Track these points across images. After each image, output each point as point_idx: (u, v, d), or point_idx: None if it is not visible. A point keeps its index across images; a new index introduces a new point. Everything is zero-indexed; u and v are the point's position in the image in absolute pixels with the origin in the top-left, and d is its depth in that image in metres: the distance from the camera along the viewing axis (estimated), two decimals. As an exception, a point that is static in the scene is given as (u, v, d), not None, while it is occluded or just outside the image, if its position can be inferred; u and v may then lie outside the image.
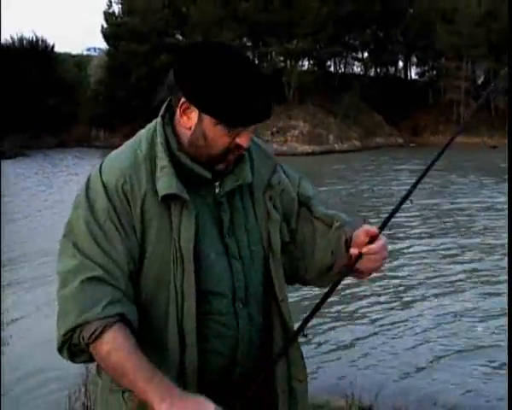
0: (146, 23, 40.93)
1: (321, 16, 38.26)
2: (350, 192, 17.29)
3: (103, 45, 46.78)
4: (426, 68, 49.94)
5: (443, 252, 9.77)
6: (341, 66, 49.77)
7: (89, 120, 41.87)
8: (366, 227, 1.50)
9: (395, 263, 8.88)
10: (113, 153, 1.51)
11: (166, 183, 1.39)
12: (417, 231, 11.47)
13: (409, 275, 8.47)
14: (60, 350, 1.38)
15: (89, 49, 55.98)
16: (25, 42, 45.03)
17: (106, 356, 1.33)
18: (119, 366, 1.32)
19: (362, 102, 42.27)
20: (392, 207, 1.50)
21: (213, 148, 1.41)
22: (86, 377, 3.78)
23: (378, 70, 51.08)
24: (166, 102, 1.49)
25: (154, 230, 1.40)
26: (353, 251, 1.49)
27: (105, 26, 44.96)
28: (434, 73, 48.47)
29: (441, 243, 10.32)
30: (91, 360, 1.40)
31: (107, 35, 44.66)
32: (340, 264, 1.57)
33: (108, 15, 45.37)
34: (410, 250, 9.86)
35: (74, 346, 1.36)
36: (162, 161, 1.41)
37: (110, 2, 45.78)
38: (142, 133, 1.50)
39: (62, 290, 1.36)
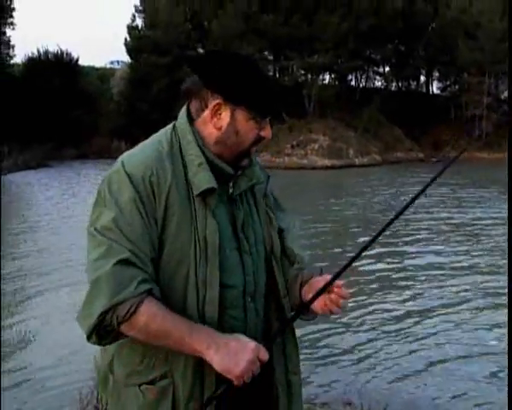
0: (168, 36, 41.38)
1: (342, 31, 38.31)
2: (365, 206, 17.19)
3: (126, 58, 47.39)
4: (448, 83, 49.66)
5: (450, 264, 9.71)
6: (362, 80, 49.75)
7: (110, 131, 42.30)
8: (326, 277, 1.60)
9: (401, 274, 8.84)
10: (133, 150, 1.60)
11: (206, 178, 1.51)
12: (424, 241, 11.37)
13: (415, 285, 8.37)
14: (89, 335, 1.43)
15: (112, 63, 56.72)
16: (50, 55, 45.73)
17: (144, 326, 1.41)
18: (161, 330, 1.42)
19: (382, 117, 42.12)
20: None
21: (244, 142, 1.56)
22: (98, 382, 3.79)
23: (399, 84, 50.92)
24: (186, 108, 1.60)
25: (175, 222, 1.48)
26: (307, 292, 1.63)
27: (128, 39, 45.55)
28: (456, 87, 48.16)
29: (449, 254, 10.27)
30: (116, 339, 1.48)
31: (129, 48, 45.21)
32: (291, 301, 1.70)
33: (131, 29, 45.96)
34: (418, 262, 9.76)
35: (104, 328, 1.42)
36: (198, 158, 1.54)
37: (134, 16, 46.46)
38: (160, 134, 1.61)
39: (94, 276, 1.42)
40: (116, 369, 1.56)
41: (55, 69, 43.64)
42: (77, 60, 46.92)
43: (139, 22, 46.46)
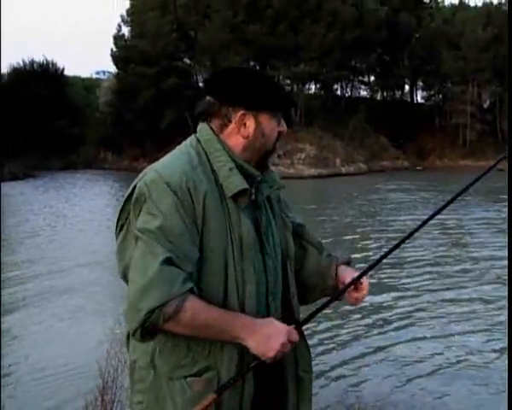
0: (155, 46, 41.43)
1: (327, 41, 38.66)
2: (353, 214, 17.33)
3: (113, 68, 47.37)
4: (432, 92, 50.20)
5: (446, 270, 9.86)
6: (348, 89, 50.13)
7: (97, 142, 42.20)
8: (355, 274, 1.81)
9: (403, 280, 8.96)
10: (164, 161, 1.70)
11: (239, 180, 1.64)
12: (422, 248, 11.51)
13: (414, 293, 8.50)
14: (135, 331, 1.52)
15: (98, 73, 56.60)
16: (35, 65, 45.63)
17: (190, 320, 1.53)
18: (205, 323, 1.54)
19: (368, 126, 42.46)
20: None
21: (269, 141, 1.72)
22: (103, 388, 3.86)
23: (384, 94, 51.37)
24: (207, 126, 1.72)
25: (214, 223, 1.60)
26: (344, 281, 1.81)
27: (114, 49, 45.55)
28: (440, 97, 48.72)
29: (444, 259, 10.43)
30: (154, 337, 1.58)
31: (116, 58, 45.17)
32: (322, 286, 1.88)
33: (118, 39, 45.97)
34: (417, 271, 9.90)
35: (150, 325, 1.51)
36: (228, 163, 1.66)
37: (120, 25, 46.50)
38: (186, 146, 1.73)
39: (141, 275, 1.52)
40: (159, 364, 1.63)
41: (41, 79, 43.53)
42: (62, 70, 46.90)
43: (125, 32, 46.58)
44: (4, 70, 44.99)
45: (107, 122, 43.61)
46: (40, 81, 43.15)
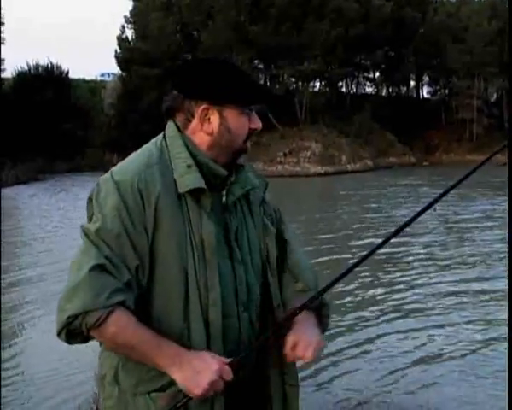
0: (158, 47, 41.43)
1: (331, 38, 38.52)
2: (360, 212, 17.21)
3: (117, 70, 47.38)
4: (438, 87, 50.00)
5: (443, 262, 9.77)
6: (353, 86, 49.97)
7: (102, 144, 42.26)
8: (295, 339, 1.55)
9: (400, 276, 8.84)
10: (125, 160, 1.62)
11: (196, 178, 1.51)
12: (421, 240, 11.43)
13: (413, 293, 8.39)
14: (59, 332, 1.45)
15: (103, 75, 56.67)
16: (40, 68, 45.70)
17: (112, 337, 1.44)
18: (128, 342, 1.43)
19: (374, 122, 42.30)
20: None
21: (237, 138, 1.57)
22: (98, 395, 3.76)
23: (390, 90, 51.19)
24: (173, 123, 1.61)
25: (169, 225, 1.49)
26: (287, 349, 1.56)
27: (118, 51, 45.59)
28: (446, 91, 48.49)
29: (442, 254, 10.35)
30: (86, 341, 1.49)
31: (120, 60, 45.21)
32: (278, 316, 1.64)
33: (122, 40, 46.00)
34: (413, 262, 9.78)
35: (73, 330, 1.43)
36: (187, 160, 1.54)
37: (123, 27, 46.51)
38: (150, 143, 1.63)
39: (71, 278, 1.44)
40: (122, 379, 1.55)
41: (46, 82, 43.59)
42: (67, 73, 46.94)
43: (129, 33, 46.61)
44: (9, 74, 45.18)
45: (112, 124, 43.67)
46: (45, 84, 43.19)
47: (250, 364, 1.62)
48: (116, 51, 45.59)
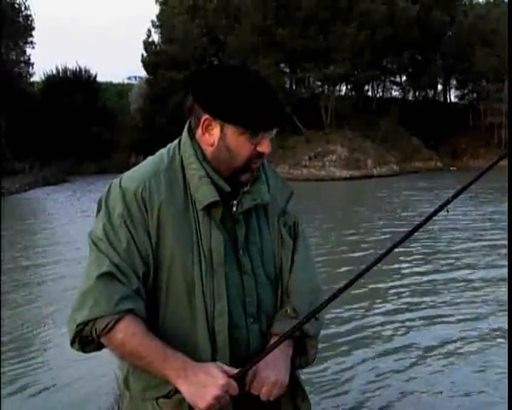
0: (184, 51, 41.71)
1: (358, 42, 38.29)
2: (387, 217, 17.05)
3: (143, 74, 47.84)
4: (466, 91, 49.35)
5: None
6: (379, 90, 49.64)
7: (129, 146, 42.66)
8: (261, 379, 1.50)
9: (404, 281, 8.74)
10: (137, 166, 1.61)
11: (208, 192, 1.49)
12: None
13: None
14: (72, 341, 1.47)
15: (129, 78, 57.24)
16: (68, 72, 46.33)
17: (120, 344, 1.44)
18: (135, 351, 1.43)
19: (400, 126, 41.95)
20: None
21: (237, 158, 1.50)
22: (118, 396, 3.79)
23: (417, 94, 50.71)
24: (187, 124, 1.60)
25: (171, 236, 1.48)
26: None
27: (145, 55, 46.01)
28: (474, 95, 47.84)
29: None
30: (100, 349, 1.51)
31: (146, 64, 45.65)
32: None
33: (148, 44, 46.43)
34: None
35: (85, 337, 1.45)
36: (199, 171, 1.51)
37: (150, 31, 46.93)
38: (166, 148, 1.61)
39: (81, 287, 1.46)
40: (132, 384, 1.57)
41: (74, 86, 44.20)
42: (95, 76, 47.51)
43: (155, 37, 47.02)
44: (38, 78, 45.93)
45: (139, 127, 44.11)
46: (73, 88, 43.79)
47: None
48: (143, 55, 46.05)
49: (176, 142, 1.61)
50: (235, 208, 1.55)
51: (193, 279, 1.48)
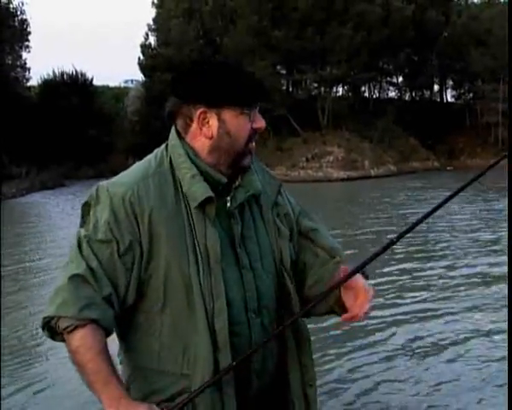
0: (181, 53, 41.68)
1: (354, 43, 38.34)
2: (386, 217, 17.08)
3: (140, 77, 47.84)
4: (462, 91, 49.47)
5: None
6: (376, 91, 49.71)
7: (126, 150, 42.63)
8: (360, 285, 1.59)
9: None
10: (125, 171, 1.62)
11: (202, 188, 1.49)
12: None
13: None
14: (42, 329, 1.51)
15: (126, 82, 57.21)
16: (65, 76, 46.32)
17: (74, 352, 1.46)
18: (83, 364, 1.44)
19: (397, 127, 42.01)
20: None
21: (238, 140, 1.52)
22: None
23: (413, 94, 50.79)
24: (174, 129, 1.60)
25: (165, 238, 1.47)
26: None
27: (141, 57, 46.03)
28: (471, 95, 47.95)
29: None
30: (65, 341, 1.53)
31: (143, 66, 45.66)
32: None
33: (145, 47, 46.45)
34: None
35: (52, 328, 1.49)
36: (191, 170, 1.51)
37: (147, 34, 46.97)
38: (152, 154, 1.62)
39: (57, 281, 1.50)
40: (133, 390, 1.57)
41: (71, 90, 44.18)
42: (91, 80, 47.49)
43: (152, 40, 47.04)
44: (35, 82, 45.92)
45: (136, 130, 44.08)
46: (70, 91, 43.77)
47: (268, 371, 1.62)
48: (139, 58, 46.06)
49: (163, 146, 1.61)
50: (229, 204, 1.56)
51: (190, 279, 1.47)
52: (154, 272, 1.49)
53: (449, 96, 51.44)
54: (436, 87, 51.12)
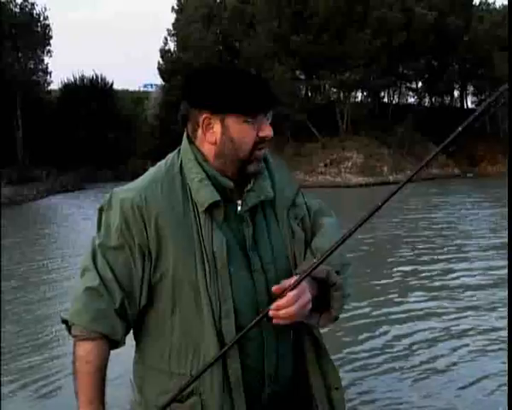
0: (200, 58, 41.88)
1: (373, 48, 38.22)
2: (405, 224, 16.98)
3: (159, 81, 48.21)
4: (483, 97, 49.02)
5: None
6: (395, 96, 49.48)
7: (145, 153, 42.93)
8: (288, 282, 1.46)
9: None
10: (140, 177, 1.63)
11: (209, 193, 1.50)
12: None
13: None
14: (62, 322, 1.56)
15: (145, 86, 57.71)
16: (85, 80, 46.83)
17: (75, 358, 1.52)
18: (78, 375, 1.51)
19: (416, 133, 41.74)
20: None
21: (242, 148, 1.51)
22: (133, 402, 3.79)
23: (433, 100, 50.47)
24: (185, 132, 1.61)
25: (172, 243, 1.48)
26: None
27: (161, 62, 46.38)
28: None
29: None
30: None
31: (162, 71, 46.03)
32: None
33: (164, 52, 46.82)
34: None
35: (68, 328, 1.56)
36: (199, 174, 1.52)
37: (166, 39, 47.34)
38: (163, 160, 1.63)
39: (77, 285, 1.54)
40: (146, 390, 1.60)
41: (91, 94, 44.64)
42: (111, 84, 47.95)
43: (171, 45, 47.41)
44: (56, 86, 46.49)
45: (155, 134, 44.38)
46: (90, 95, 44.24)
47: (284, 376, 1.61)
48: (159, 63, 46.43)
49: (175, 151, 1.63)
50: (239, 208, 1.55)
51: (197, 283, 1.48)
52: (163, 274, 1.50)
53: (469, 102, 51.13)
54: (456, 93, 50.84)
